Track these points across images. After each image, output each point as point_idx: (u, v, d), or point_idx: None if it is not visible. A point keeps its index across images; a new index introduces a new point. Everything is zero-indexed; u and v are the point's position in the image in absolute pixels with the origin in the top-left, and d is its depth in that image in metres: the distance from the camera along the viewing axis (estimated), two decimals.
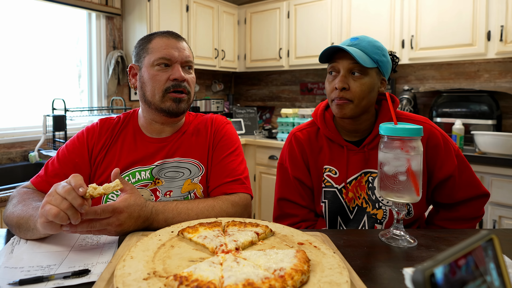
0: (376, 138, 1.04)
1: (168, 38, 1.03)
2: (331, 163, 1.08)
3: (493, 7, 2.32)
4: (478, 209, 1.06)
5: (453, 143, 1.06)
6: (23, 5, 2.42)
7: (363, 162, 1.05)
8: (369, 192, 1.04)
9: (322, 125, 1.09)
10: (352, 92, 0.97)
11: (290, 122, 3.07)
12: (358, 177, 1.05)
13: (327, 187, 1.07)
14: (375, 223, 1.04)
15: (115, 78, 2.86)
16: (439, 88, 2.83)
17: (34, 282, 0.61)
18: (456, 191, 1.04)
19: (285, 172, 1.13)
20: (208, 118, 1.15)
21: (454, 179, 1.03)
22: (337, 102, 0.99)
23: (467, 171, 1.05)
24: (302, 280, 0.55)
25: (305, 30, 3.21)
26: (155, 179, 1.02)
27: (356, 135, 1.08)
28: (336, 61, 1.00)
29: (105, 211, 0.73)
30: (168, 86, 1.00)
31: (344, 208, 1.06)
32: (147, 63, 1.02)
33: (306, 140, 1.11)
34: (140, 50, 1.05)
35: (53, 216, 0.66)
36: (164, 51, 1.00)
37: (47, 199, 0.69)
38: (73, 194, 0.68)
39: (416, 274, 0.31)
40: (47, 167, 1.01)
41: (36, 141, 2.43)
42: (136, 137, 1.07)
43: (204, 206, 0.91)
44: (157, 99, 1.01)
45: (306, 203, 1.10)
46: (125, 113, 1.13)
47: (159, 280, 0.56)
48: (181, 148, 1.06)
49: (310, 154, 1.10)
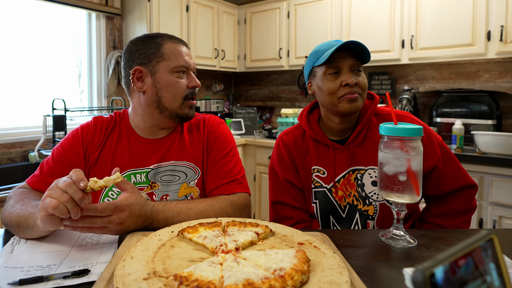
0: (360, 134, 1.06)
1: (180, 45, 1.04)
2: (318, 163, 1.09)
3: (493, 7, 2.32)
4: (468, 201, 1.06)
5: (436, 135, 1.07)
6: (23, 5, 2.42)
7: (350, 160, 1.07)
8: (359, 189, 1.06)
9: (307, 127, 1.11)
10: (360, 86, 1.01)
11: (290, 122, 3.06)
12: (346, 175, 1.07)
13: (317, 188, 1.09)
14: (367, 219, 1.05)
15: (115, 78, 2.87)
16: (439, 88, 2.83)
17: (34, 282, 0.61)
18: (442, 182, 1.05)
19: (276, 176, 1.15)
20: (200, 119, 1.14)
21: (439, 170, 1.04)
22: (350, 97, 0.99)
23: (452, 162, 1.06)
24: (302, 280, 0.55)
25: (305, 30, 3.21)
26: (151, 183, 1.02)
27: (341, 134, 1.10)
28: (338, 60, 1.00)
29: (106, 208, 0.74)
30: (187, 93, 1.03)
31: (336, 207, 1.08)
32: (164, 69, 1.00)
33: (292, 142, 1.13)
34: (151, 54, 1.00)
35: (52, 208, 0.66)
36: (183, 59, 1.02)
37: (47, 193, 0.70)
38: (73, 188, 0.68)
39: (416, 274, 0.31)
40: (42, 166, 1.01)
41: (36, 141, 2.43)
42: (129, 137, 1.06)
43: (204, 205, 0.91)
44: (176, 106, 1.02)
45: (299, 205, 1.11)
46: (116, 111, 1.13)
47: (159, 280, 0.56)
48: (175, 151, 1.06)
49: (297, 156, 1.12)
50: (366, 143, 1.06)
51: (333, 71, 1.01)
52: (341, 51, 1.00)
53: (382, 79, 3.13)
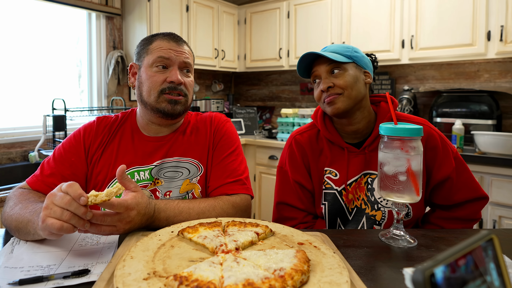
0: (376, 139, 1.05)
1: (169, 41, 1.03)
2: (331, 165, 1.08)
3: (493, 7, 2.32)
4: (475, 212, 1.06)
5: (451, 145, 1.06)
6: (23, 5, 2.42)
7: (364, 164, 1.05)
8: (368, 194, 1.05)
9: (322, 127, 1.10)
10: (338, 86, 1.01)
11: (290, 122, 3.06)
12: (358, 178, 1.05)
13: (327, 189, 1.08)
14: (374, 224, 1.04)
15: (115, 78, 2.86)
16: (439, 88, 2.83)
17: (34, 282, 0.61)
18: (453, 193, 1.04)
19: (284, 176, 1.13)
20: (207, 116, 1.14)
21: (451, 181, 1.03)
22: (327, 100, 1.02)
23: (465, 174, 1.05)
24: (302, 280, 0.55)
25: (305, 30, 3.21)
26: (155, 180, 1.02)
27: (356, 137, 1.09)
28: (314, 69, 1.05)
29: (120, 205, 0.72)
30: (164, 87, 1.00)
31: (343, 209, 1.07)
32: (146, 63, 1.03)
33: (307, 143, 1.11)
34: (141, 49, 1.06)
35: (57, 230, 0.65)
36: (163, 52, 1.01)
37: (45, 213, 0.67)
38: (74, 205, 0.66)
39: (416, 274, 0.31)
40: (43, 166, 1.00)
41: (36, 141, 2.43)
42: (133, 136, 1.07)
43: (205, 206, 0.91)
44: (153, 100, 1.01)
45: (304, 207, 1.10)
46: (123, 112, 1.13)
47: (159, 280, 0.56)
48: (180, 148, 1.06)
49: (311, 157, 1.10)
50: None
51: (314, 79, 1.07)
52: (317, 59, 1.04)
53: (382, 79, 3.12)
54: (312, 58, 1.04)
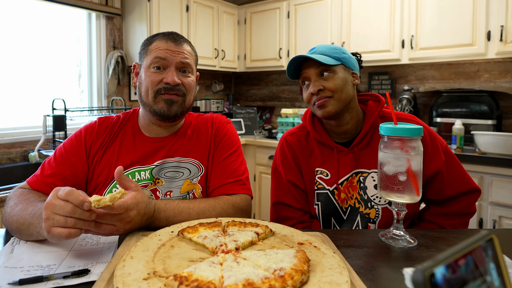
0: (365, 137, 1.06)
1: (167, 41, 1.03)
2: (322, 165, 1.09)
3: (493, 7, 2.32)
4: (469, 205, 1.06)
5: (440, 140, 1.07)
6: (23, 5, 2.42)
7: (354, 163, 1.06)
8: (361, 192, 1.05)
9: (311, 129, 1.11)
10: (328, 89, 1.01)
11: (290, 122, 3.06)
12: (349, 177, 1.06)
13: (320, 189, 1.09)
14: (368, 223, 1.05)
15: (115, 78, 2.86)
16: (439, 88, 2.83)
17: (34, 282, 0.61)
18: (445, 187, 1.04)
19: (278, 176, 1.15)
20: (208, 118, 1.15)
21: (442, 175, 1.03)
22: (318, 103, 1.02)
23: (456, 167, 1.06)
24: (302, 280, 0.55)
25: (305, 30, 3.21)
26: (155, 179, 1.02)
27: (345, 136, 1.10)
28: (304, 71, 1.05)
29: (120, 207, 0.72)
30: (160, 87, 1.00)
31: (337, 209, 1.07)
32: (145, 64, 1.03)
33: (296, 143, 1.13)
34: (142, 50, 1.07)
35: (66, 237, 0.65)
36: (160, 52, 1.01)
37: (48, 224, 0.66)
38: (78, 212, 0.66)
39: (416, 274, 0.31)
40: (43, 166, 1.00)
41: (36, 141, 2.43)
42: (135, 136, 1.07)
43: (205, 206, 0.91)
44: (150, 100, 1.01)
45: (300, 206, 1.11)
46: (125, 112, 1.13)
47: (159, 280, 0.56)
48: (181, 148, 1.06)
49: (301, 158, 1.12)
50: (371, 146, 1.06)
51: (303, 81, 1.07)
52: (306, 62, 1.05)
53: (382, 79, 3.13)
54: (301, 60, 1.05)
